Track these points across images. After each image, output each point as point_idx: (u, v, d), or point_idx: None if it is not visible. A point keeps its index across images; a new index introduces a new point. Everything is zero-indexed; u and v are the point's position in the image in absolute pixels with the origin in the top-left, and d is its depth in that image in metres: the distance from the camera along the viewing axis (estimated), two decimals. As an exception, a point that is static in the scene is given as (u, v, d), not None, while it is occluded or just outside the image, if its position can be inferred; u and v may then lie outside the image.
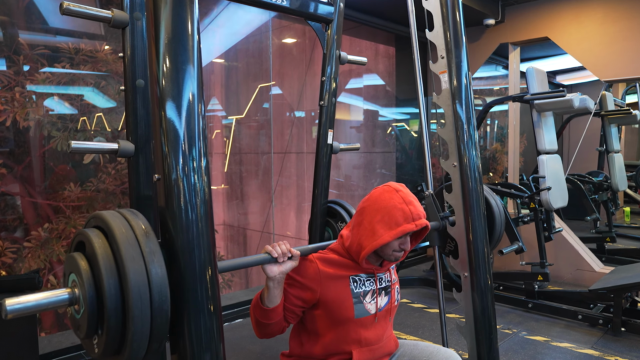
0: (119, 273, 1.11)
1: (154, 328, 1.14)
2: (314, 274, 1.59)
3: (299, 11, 2.41)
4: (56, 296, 1.15)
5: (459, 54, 2.20)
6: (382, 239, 1.55)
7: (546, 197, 3.76)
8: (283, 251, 1.49)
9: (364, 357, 1.65)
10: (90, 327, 1.14)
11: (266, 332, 1.59)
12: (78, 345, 2.90)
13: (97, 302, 1.13)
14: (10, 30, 3.05)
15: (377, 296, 1.68)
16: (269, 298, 1.52)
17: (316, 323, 1.63)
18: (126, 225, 1.16)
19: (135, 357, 1.14)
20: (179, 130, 1.23)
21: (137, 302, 1.10)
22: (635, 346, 3.04)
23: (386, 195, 1.60)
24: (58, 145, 3.23)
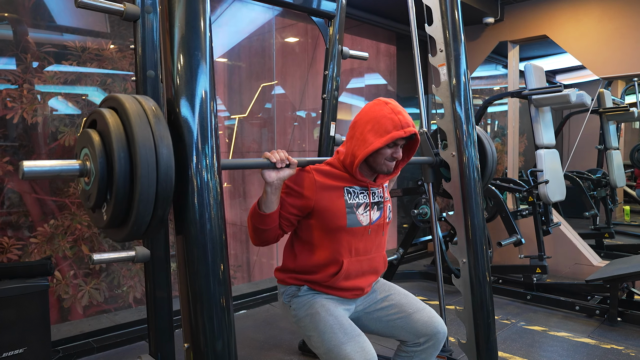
0: (128, 141, 1.19)
1: (159, 192, 1.21)
2: (310, 183, 1.67)
3: (302, 6, 2.49)
4: (69, 165, 1.25)
5: (457, 47, 2.27)
6: (373, 146, 1.63)
7: (544, 191, 3.83)
8: (281, 158, 1.57)
9: (353, 268, 1.72)
10: (100, 193, 1.22)
11: (262, 238, 1.67)
12: (86, 334, 2.97)
13: (107, 170, 1.21)
14: (18, 29, 3.11)
15: (370, 210, 1.75)
16: (266, 204, 1.60)
17: (310, 232, 1.71)
18: (138, 105, 1.24)
19: (141, 221, 1.21)
20: (192, 125, 1.30)
21: (145, 165, 1.17)
22: (630, 335, 3.10)
23: (376, 107, 1.70)
24: (66, 141, 3.29)
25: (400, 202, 5.82)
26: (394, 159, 1.72)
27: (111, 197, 1.21)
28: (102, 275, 3.32)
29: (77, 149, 1.31)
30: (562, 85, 3.72)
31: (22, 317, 2.12)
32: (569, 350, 2.90)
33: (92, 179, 1.23)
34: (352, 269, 1.72)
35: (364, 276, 1.77)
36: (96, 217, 1.30)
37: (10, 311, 2.09)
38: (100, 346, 2.91)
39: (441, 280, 2.45)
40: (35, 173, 1.16)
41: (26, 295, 2.13)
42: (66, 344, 2.86)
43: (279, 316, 3.54)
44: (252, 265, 5.39)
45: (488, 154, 2.61)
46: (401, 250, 4.13)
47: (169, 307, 2.05)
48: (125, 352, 2.94)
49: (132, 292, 3.52)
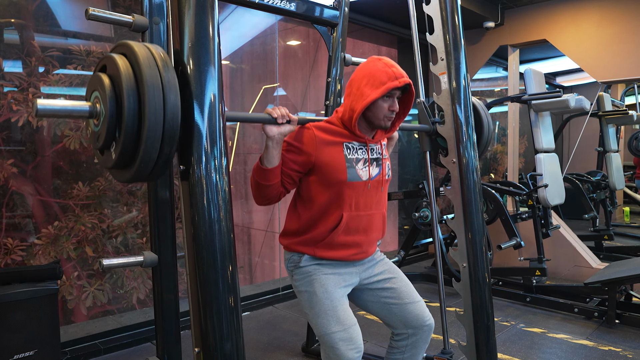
0: (137, 82, 1.25)
1: (166, 129, 1.26)
2: (310, 139, 1.73)
3: (305, 15, 2.54)
4: (79, 106, 1.31)
5: (457, 56, 2.32)
6: (371, 97, 1.69)
7: (543, 194, 3.88)
8: (282, 114, 1.64)
9: (353, 222, 1.77)
10: (109, 133, 1.27)
11: (265, 195, 1.73)
12: (93, 335, 3.02)
13: (116, 110, 1.26)
14: (23, 33, 3.14)
15: (369, 165, 1.81)
16: (267, 158, 1.66)
17: (311, 189, 1.77)
18: (148, 51, 1.30)
19: (148, 158, 1.27)
20: (201, 127, 1.36)
21: (153, 104, 1.23)
22: (628, 337, 3.15)
23: (370, 63, 1.76)
24: (71, 144, 3.32)
25: (401, 205, 5.86)
26: (391, 112, 1.77)
27: (120, 135, 1.26)
28: (106, 276, 3.37)
29: (87, 92, 1.37)
30: (561, 90, 3.76)
31: (33, 320, 2.17)
32: (567, 352, 2.95)
33: (102, 119, 1.28)
34: (352, 223, 1.77)
35: (364, 233, 1.82)
36: (105, 158, 1.35)
37: (20, 314, 2.14)
38: (106, 348, 2.96)
39: (442, 282, 2.49)
40: (47, 111, 1.22)
41: (36, 299, 2.18)
42: (73, 346, 2.91)
43: (282, 318, 3.59)
44: (254, 266, 5.44)
45: (484, 123, 2.67)
46: (402, 253, 4.18)
47: (176, 310, 2.10)
48: (131, 353, 2.99)
49: (136, 293, 3.56)
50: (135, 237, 3.55)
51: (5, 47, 3.02)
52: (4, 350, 2.10)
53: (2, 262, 2.96)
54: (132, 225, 3.51)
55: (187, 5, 1.38)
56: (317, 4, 2.57)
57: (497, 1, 4.75)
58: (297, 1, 2.47)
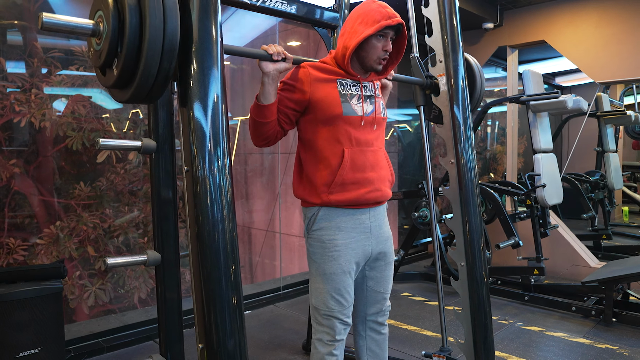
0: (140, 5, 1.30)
1: (166, 44, 1.31)
2: (305, 76, 1.78)
3: (306, 17, 2.57)
4: (84, 23, 1.36)
5: (455, 59, 2.35)
6: (364, 34, 1.73)
7: (541, 194, 3.91)
8: (278, 51, 1.70)
9: (357, 157, 1.80)
10: (111, 49, 1.32)
11: (262, 133, 1.76)
12: (96, 334, 3.06)
13: (118, 26, 1.31)
14: (25, 34, 3.16)
15: (363, 102, 1.85)
16: (264, 95, 1.71)
17: (309, 129, 1.82)
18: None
19: (149, 73, 1.32)
20: (205, 128, 1.39)
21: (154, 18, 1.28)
22: (624, 335, 3.19)
23: (365, 4, 1.81)
24: (74, 144, 3.35)
25: (401, 204, 5.90)
26: (385, 52, 1.81)
27: (122, 51, 1.31)
28: (108, 276, 3.40)
29: (91, 11, 1.42)
30: (559, 91, 3.80)
31: (38, 318, 2.21)
32: (564, 350, 2.98)
33: (104, 37, 1.33)
34: (356, 158, 1.80)
35: (372, 169, 1.84)
36: (106, 77, 1.40)
37: (26, 312, 2.18)
38: (109, 346, 3.00)
39: (440, 281, 2.52)
40: (52, 24, 1.27)
41: (41, 297, 2.22)
42: (77, 344, 2.95)
43: (283, 317, 3.63)
44: (255, 265, 5.47)
45: (477, 78, 2.71)
46: (402, 252, 4.21)
47: (178, 308, 2.13)
48: (134, 351, 3.03)
49: (137, 292, 3.59)
50: (136, 237, 3.58)
51: (7, 48, 3.05)
52: (10, 348, 2.14)
53: (5, 261, 2.99)
54: (133, 225, 3.55)
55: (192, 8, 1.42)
56: (317, 6, 2.61)
57: (496, 2, 4.78)
58: (298, 4, 2.50)
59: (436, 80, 2.37)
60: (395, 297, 4.03)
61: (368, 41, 1.78)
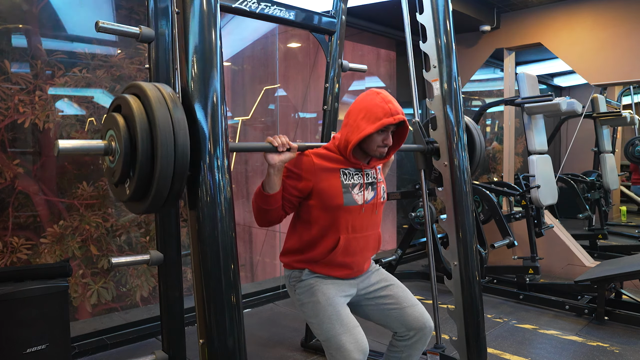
0: (150, 124, 1.36)
1: (177, 168, 1.37)
2: (309, 165, 1.83)
3: (304, 24, 2.64)
4: (96, 145, 1.43)
5: (449, 64, 2.42)
6: (365, 131, 1.79)
7: (536, 195, 3.98)
8: (283, 142, 1.74)
9: (350, 244, 1.88)
10: (124, 170, 1.39)
11: (266, 218, 1.84)
12: (100, 331, 3.13)
13: (130, 149, 1.38)
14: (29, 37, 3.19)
15: (364, 190, 1.92)
16: (269, 184, 1.77)
17: (310, 212, 1.88)
18: (158, 92, 1.41)
19: (161, 194, 1.38)
20: (205, 129, 1.46)
21: (164, 145, 1.35)
22: (616, 333, 3.26)
23: (368, 97, 1.86)
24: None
25: (400, 204, 5.97)
26: (385, 145, 1.87)
27: (134, 174, 1.38)
28: (110, 274, 3.46)
29: (102, 130, 1.49)
30: (553, 94, 3.86)
31: (44, 315, 2.28)
32: (556, 348, 3.05)
33: (117, 157, 1.40)
34: (349, 245, 1.88)
35: (360, 253, 1.93)
36: (119, 191, 1.47)
37: (33, 310, 2.25)
38: (113, 343, 3.07)
39: (434, 279, 2.59)
40: (67, 150, 1.34)
41: (48, 295, 2.28)
42: (81, 341, 3.02)
43: (282, 314, 3.70)
44: (256, 264, 5.54)
45: (476, 144, 2.77)
46: (399, 251, 4.28)
47: (180, 306, 2.21)
48: (137, 348, 3.11)
49: (140, 291, 3.65)
50: (138, 236, 3.64)
51: (12, 50, 3.11)
52: (17, 344, 2.21)
53: (9, 260, 3.04)
54: (135, 224, 3.61)
55: (191, 17, 1.49)
56: (315, 12, 2.67)
57: (492, 5, 4.84)
58: (296, 10, 2.57)
59: (436, 145, 2.41)
60: (393, 295, 4.10)
61: (369, 136, 1.83)
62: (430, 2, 2.42)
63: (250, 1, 2.34)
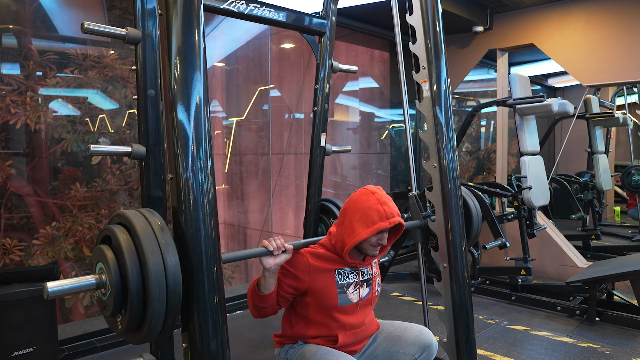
0: (140, 262, 1.36)
1: (169, 307, 1.38)
2: (305, 266, 1.83)
3: (294, 25, 2.63)
4: (86, 281, 1.41)
5: (438, 65, 2.41)
6: (360, 236, 1.79)
7: (528, 196, 3.98)
8: (278, 246, 1.72)
9: (349, 340, 1.89)
10: (115, 307, 1.39)
11: (261, 313, 1.85)
12: (90, 334, 3.11)
13: (121, 286, 1.37)
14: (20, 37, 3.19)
15: (360, 287, 1.92)
16: (264, 286, 1.76)
17: (305, 308, 1.88)
18: (145, 222, 1.40)
19: (153, 332, 1.39)
20: (187, 130, 1.45)
21: (156, 287, 1.34)
22: (607, 334, 3.26)
23: (363, 197, 1.84)
24: (68, 147, 3.39)
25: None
26: (379, 245, 1.87)
27: (126, 312, 1.38)
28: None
29: (92, 261, 1.48)
30: (545, 95, 3.87)
31: (31, 318, 2.27)
32: (547, 349, 3.05)
33: (109, 293, 1.39)
34: (348, 340, 1.89)
35: (360, 343, 1.96)
36: (112, 322, 1.46)
37: (20, 313, 2.24)
38: (102, 345, 3.05)
39: (424, 281, 2.59)
40: (58, 292, 1.32)
41: (35, 298, 2.28)
42: (71, 343, 3.00)
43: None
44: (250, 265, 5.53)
45: (473, 217, 2.73)
46: (392, 253, 4.27)
47: (168, 309, 2.19)
48: (126, 350, 3.09)
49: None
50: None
51: (3, 50, 3.09)
52: (3, 347, 2.20)
53: (1, 262, 3.04)
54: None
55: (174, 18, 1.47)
56: (305, 14, 2.67)
57: (485, 6, 4.85)
58: (286, 11, 2.56)
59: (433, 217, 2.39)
60: (385, 297, 4.10)
61: None
62: (419, 4, 2.41)
63: (239, 2, 2.33)
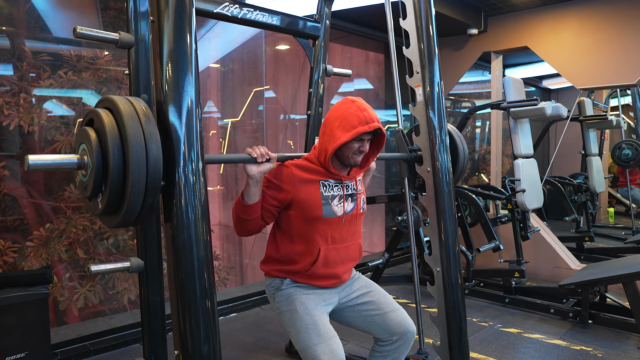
0: (122, 138, 1.35)
1: (149, 182, 1.36)
2: (289, 177, 1.84)
3: (288, 29, 2.63)
4: (68, 159, 1.41)
5: (432, 70, 2.42)
6: (341, 140, 1.80)
7: (521, 199, 4.00)
8: (262, 153, 1.73)
9: (331, 255, 1.89)
10: (95, 185, 1.38)
11: (245, 227, 1.84)
12: (83, 337, 3.10)
13: (102, 164, 1.36)
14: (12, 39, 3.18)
15: (344, 201, 1.92)
16: (248, 195, 1.76)
17: (289, 223, 1.88)
18: (131, 106, 1.39)
19: (133, 209, 1.37)
20: (179, 131, 1.45)
21: (136, 161, 1.33)
22: (600, 337, 3.28)
23: (344, 106, 1.86)
24: (62, 149, 3.38)
25: (388, 207, 5.97)
26: (361, 152, 1.88)
27: (106, 189, 1.37)
28: (97, 277, 3.44)
29: (75, 144, 1.47)
30: (538, 98, 3.88)
31: (24, 323, 2.26)
32: (540, 352, 3.07)
33: (89, 172, 1.39)
34: (330, 256, 1.88)
35: (342, 263, 1.94)
36: (92, 205, 1.45)
37: (12, 318, 2.23)
38: (96, 349, 3.04)
39: (417, 284, 2.59)
40: (38, 166, 1.32)
41: (27, 303, 2.27)
42: (64, 347, 2.98)
43: (268, 319, 3.69)
44: (245, 267, 5.53)
45: (459, 151, 2.78)
46: (386, 255, 4.28)
47: (161, 313, 2.19)
48: (120, 354, 3.08)
49: (127, 294, 3.64)
50: (126, 239, 3.63)
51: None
52: (-4, 352, 2.19)
53: (-6, 263, 3.04)
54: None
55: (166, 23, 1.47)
56: (299, 17, 2.67)
57: (480, 9, 4.86)
58: (280, 15, 2.56)
59: (420, 153, 2.42)
60: (380, 299, 4.10)
61: (345, 144, 1.84)
62: (413, 8, 2.42)
63: (232, 6, 2.33)
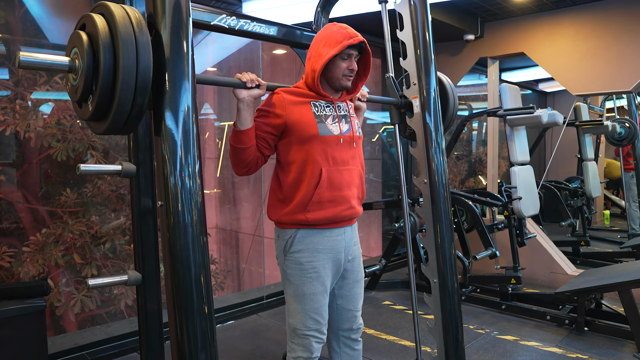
0: (113, 39, 1.36)
1: (139, 82, 1.37)
2: (279, 101, 1.87)
3: (285, 39, 2.64)
4: (60, 60, 1.42)
5: (428, 81, 2.43)
6: (328, 55, 1.83)
7: (517, 206, 4.02)
8: (251, 78, 1.77)
9: (334, 176, 1.88)
10: (86, 86, 1.39)
11: (242, 159, 1.83)
12: (80, 347, 3.09)
13: (93, 64, 1.37)
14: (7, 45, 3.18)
15: (339, 122, 1.93)
16: (240, 120, 1.78)
17: (288, 152, 1.89)
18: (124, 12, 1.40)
19: (123, 109, 1.38)
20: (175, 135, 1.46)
21: (126, 58, 1.34)
22: (596, 344, 3.29)
23: (326, 28, 1.91)
24: (59, 155, 3.37)
25: (385, 211, 5.98)
26: (351, 73, 1.91)
27: (96, 89, 1.38)
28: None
29: (67, 48, 1.47)
30: (535, 106, 3.90)
31: (20, 336, 2.26)
32: (536, 360, 3.09)
33: (80, 73, 1.39)
34: (333, 177, 1.87)
35: (347, 187, 1.92)
36: (82, 110, 1.46)
37: (8, 331, 2.23)
38: (93, 359, 3.04)
39: (414, 292, 2.59)
40: (29, 63, 1.33)
41: (24, 316, 2.27)
42: (61, 357, 2.97)
43: (266, 327, 3.70)
44: (242, 272, 5.53)
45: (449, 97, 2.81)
46: (383, 261, 4.30)
47: (159, 321, 2.20)
48: (117, 363, 3.09)
49: (124, 298, 3.63)
50: (123, 244, 3.62)
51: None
52: (-7, 365, 2.19)
53: (-10, 268, 3.03)
54: (120, 232, 3.58)
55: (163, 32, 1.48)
56: (296, 28, 2.68)
57: (476, 15, 4.88)
58: (277, 26, 2.57)
59: (409, 100, 2.45)
60: (376, 305, 4.12)
61: (333, 62, 1.87)
62: (410, 20, 2.43)
63: (229, 18, 2.33)
